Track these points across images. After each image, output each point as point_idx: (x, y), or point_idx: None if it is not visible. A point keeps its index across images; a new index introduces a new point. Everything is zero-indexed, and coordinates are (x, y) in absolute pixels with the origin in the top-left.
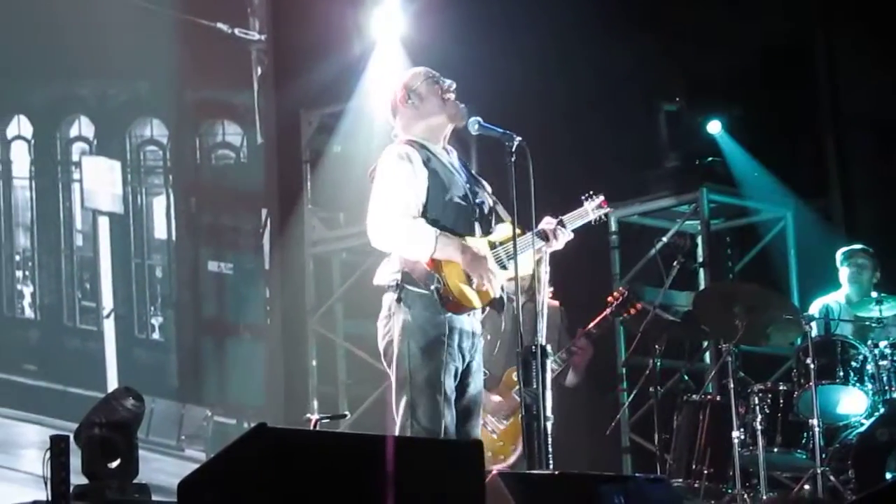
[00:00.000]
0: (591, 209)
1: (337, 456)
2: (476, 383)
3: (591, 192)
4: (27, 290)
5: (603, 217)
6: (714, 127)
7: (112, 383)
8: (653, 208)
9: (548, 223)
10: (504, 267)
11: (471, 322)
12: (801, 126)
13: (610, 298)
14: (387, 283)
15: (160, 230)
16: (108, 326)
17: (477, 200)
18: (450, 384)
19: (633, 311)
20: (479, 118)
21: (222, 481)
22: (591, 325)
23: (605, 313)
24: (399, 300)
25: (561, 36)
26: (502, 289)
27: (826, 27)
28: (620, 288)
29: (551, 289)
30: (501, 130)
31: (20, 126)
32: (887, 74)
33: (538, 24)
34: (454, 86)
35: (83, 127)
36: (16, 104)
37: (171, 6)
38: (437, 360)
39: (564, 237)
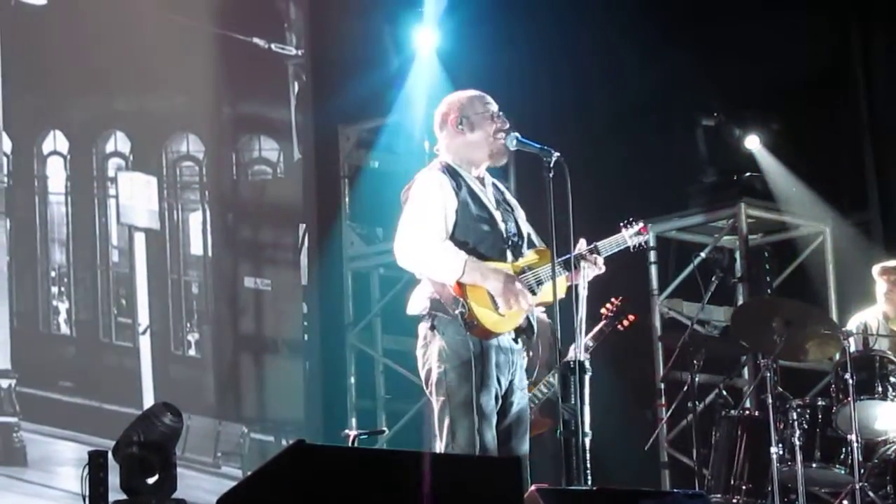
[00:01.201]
0: (628, 236)
1: (375, 473)
2: (519, 402)
3: (631, 219)
4: (63, 307)
5: (644, 245)
6: (752, 142)
7: (148, 400)
8: (691, 223)
9: (580, 248)
10: (533, 292)
11: (507, 339)
12: (840, 141)
13: (604, 310)
14: (419, 313)
15: (196, 246)
16: (144, 343)
17: (508, 228)
18: (488, 404)
19: (626, 322)
20: (517, 134)
21: (260, 498)
22: (587, 337)
23: (599, 326)
24: (433, 328)
25: (600, 50)
26: (532, 315)
27: (865, 42)
28: (613, 299)
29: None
30: (539, 146)
31: (56, 141)
32: None
33: (576, 38)
34: (507, 125)
35: (119, 142)
36: (52, 119)
37: (208, 21)
38: (474, 381)
39: (593, 272)
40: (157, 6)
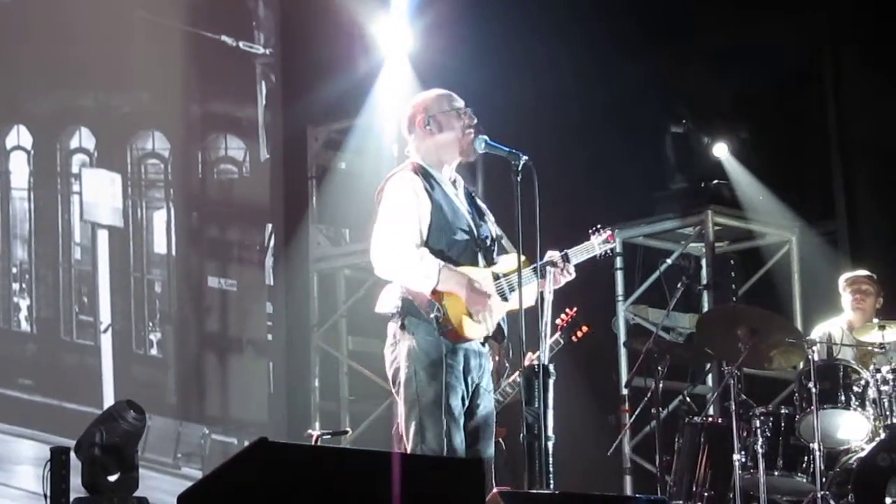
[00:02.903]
0: (597, 243)
1: (338, 471)
2: (486, 405)
3: (599, 226)
4: (24, 303)
5: (609, 252)
6: (721, 150)
7: (108, 399)
8: (658, 230)
9: (551, 256)
10: (506, 298)
11: (476, 342)
12: (808, 150)
13: (558, 321)
14: (389, 312)
15: (160, 244)
16: (106, 341)
17: (480, 231)
18: (457, 405)
19: (580, 333)
20: (485, 136)
21: (222, 495)
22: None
23: (554, 337)
24: (402, 327)
25: (569, 56)
26: (503, 320)
27: (834, 53)
28: (568, 310)
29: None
30: (508, 149)
31: (20, 136)
32: (894, 99)
33: (547, 44)
34: (475, 121)
35: (84, 138)
36: (16, 114)
37: (176, 18)
38: (442, 382)
39: (565, 279)
40: (124, 2)
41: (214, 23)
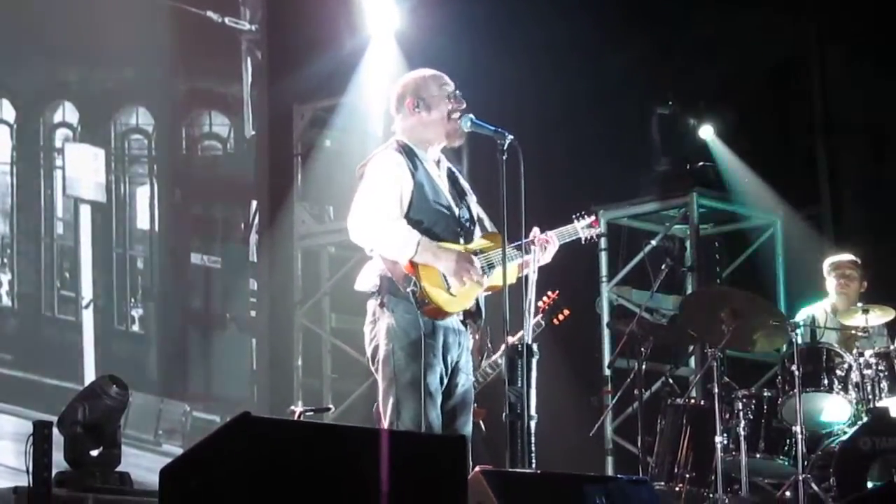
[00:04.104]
0: (580, 227)
1: (320, 447)
2: (464, 383)
3: (583, 212)
4: (5, 278)
5: (594, 237)
6: (706, 132)
7: (89, 375)
8: (643, 211)
9: (535, 234)
10: (484, 275)
11: (455, 320)
12: (793, 134)
13: (540, 304)
14: (368, 290)
15: (143, 220)
16: (87, 317)
17: (461, 211)
18: (434, 383)
19: (561, 317)
20: (471, 115)
21: (205, 469)
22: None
23: (536, 319)
24: (382, 305)
25: (557, 36)
26: (481, 299)
27: (819, 39)
28: (549, 293)
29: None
30: (493, 128)
31: (3, 110)
32: (879, 86)
33: (533, 23)
34: (463, 105)
35: (67, 113)
36: None
37: None
38: (421, 360)
39: (551, 250)
40: None
41: None
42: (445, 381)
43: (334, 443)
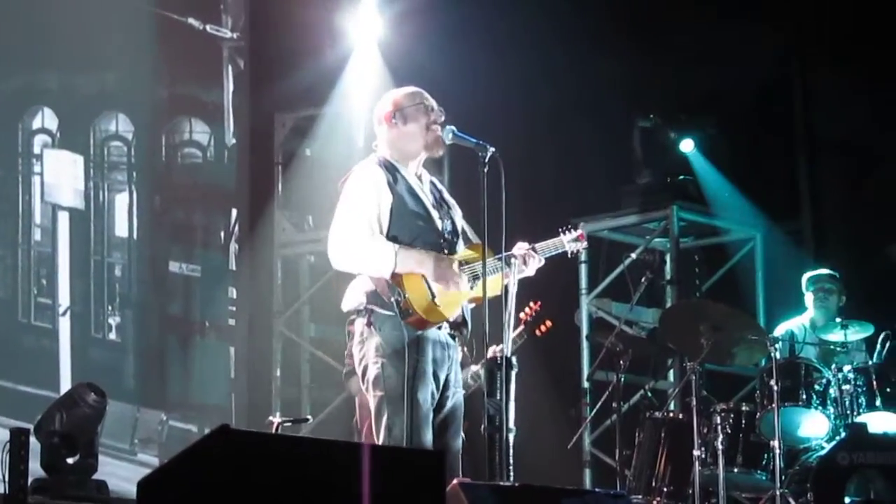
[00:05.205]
0: (566, 241)
1: (299, 461)
2: (454, 397)
3: (570, 225)
4: None
5: (579, 250)
6: (687, 145)
7: (65, 382)
8: (623, 224)
9: (519, 248)
10: (469, 287)
11: (443, 334)
12: (775, 148)
13: (522, 315)
14: (355, 308)
15: (121, 228)
16: (64, 324)
17: (444, 224)
18: (426, 400)
19: (543, 328)
20: (453, 127)
21: (184, 482)
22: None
23: (518, 330)
24: (369, 324)
25: (539, 48)
26: (466, 310)
27: (801, 53)
28: (532, 304)
29: None
30: (475, 140)
31: None
32: (861, 100)
33: (517, 36)
34: (442, 117)
35: (46, 119)
36: None
37: None
38: (410, 377)
39: (535, 264)
40: None
41: (181, 5)
42: (437, 396)
43: (313, 456)
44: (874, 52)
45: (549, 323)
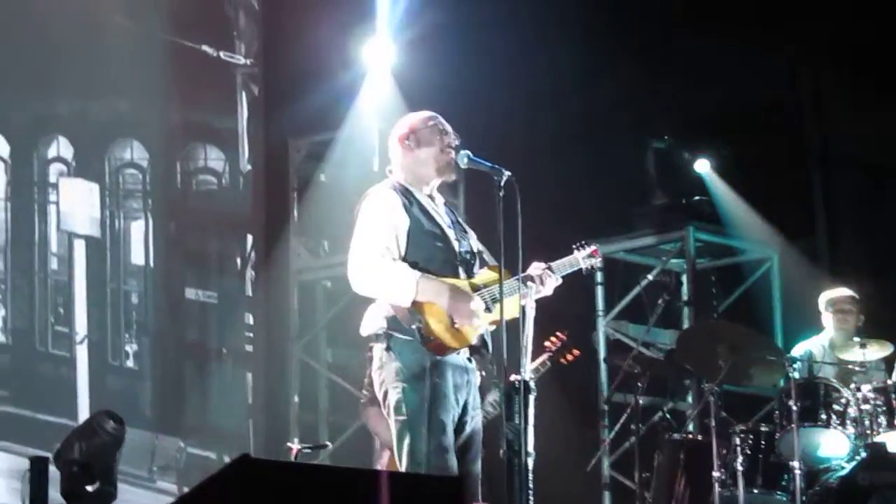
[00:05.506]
0: (581, 258)
1: (320, 489)
2: (474, 421)
3: (584, 242)
4: None
5: (594, 266)
6: (702, 165)
7: (83, 411)
8: (639, 245)
9: (535, 269)
10: (489, 309)
11: (462, 359)
12: (789, 167)
13: (548, 343)
14: (374, 333)
15: (137, 255)
16: (81, 352)
17: (461, 246)
18: (447, 424)
19: (570, 356)
20: (468, 152)
21: None
22: (528, 370)
23: (542, 358)
24: (388, 349)
25: (552, 69)
26: (486, 333)
27: (814, 70)
28: (558, 333)
29: None
30: (490, 165)
31: None
32: (874, 118)
33: (529, 57)
34: (457, 142)
35: (61, 148)
36: None
37: (155, 26)
38: (431, 402)
39: (552, 283)
40: (103, 9)
41: (194, 32)
42: (456, 419)
43: (335, 484)
44: (887, 65)
45: (576, 352)
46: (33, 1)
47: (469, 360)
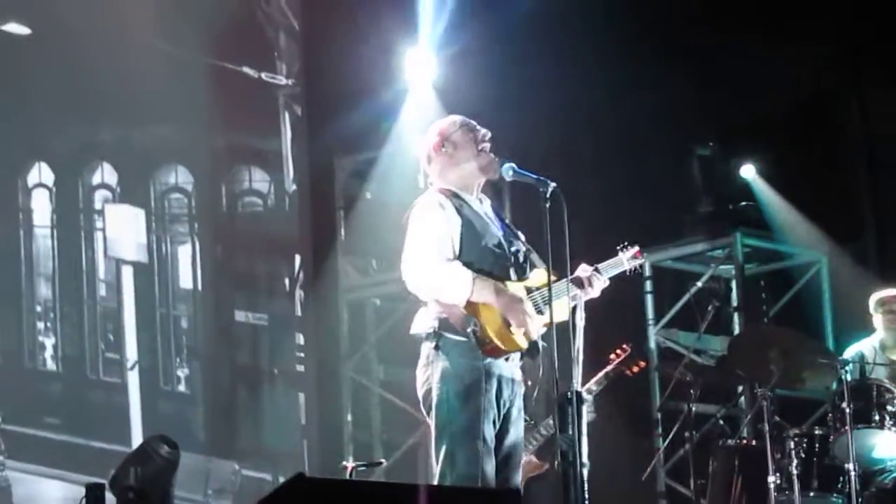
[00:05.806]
0: (625, 259)
1: None
2: (516, 430)
3: (626, 243)
4: (49, 342)
5: (638, 268)
6: (748, 171)
7: (136, 437)
8: (687, 253)
9: (583, 270)
10: (540, 312)
11: (510, 368)
12: (835, 170)
13: (612, 356)
14: (424, 332)
15: (185, 279)
16: (133, 378)
17: (511, 248)
18: (489, 431)
19: (635, 369)
20: (513, 164)
21: None
22: (591, 381)
23: (606, 370)
24: (437, 348)
25: (596, 79)
26: (538, 336)
27: (859, 71)
28: (624, 346)
29: None
30: (535, 176)
31: (41, 173)
32: None
33: (572, 70)
34: (489, 136)
35: (106, 174)
36: (37, 151)
37: (196, 50)
38: (475, 406)
39: (600, 284)
40: (143, 35)
41: (235, 54)
42: (498, 427)
43: (391, 500)
44: None
45: (642, 363)
46: (73, 29)
47: (520, 362)
